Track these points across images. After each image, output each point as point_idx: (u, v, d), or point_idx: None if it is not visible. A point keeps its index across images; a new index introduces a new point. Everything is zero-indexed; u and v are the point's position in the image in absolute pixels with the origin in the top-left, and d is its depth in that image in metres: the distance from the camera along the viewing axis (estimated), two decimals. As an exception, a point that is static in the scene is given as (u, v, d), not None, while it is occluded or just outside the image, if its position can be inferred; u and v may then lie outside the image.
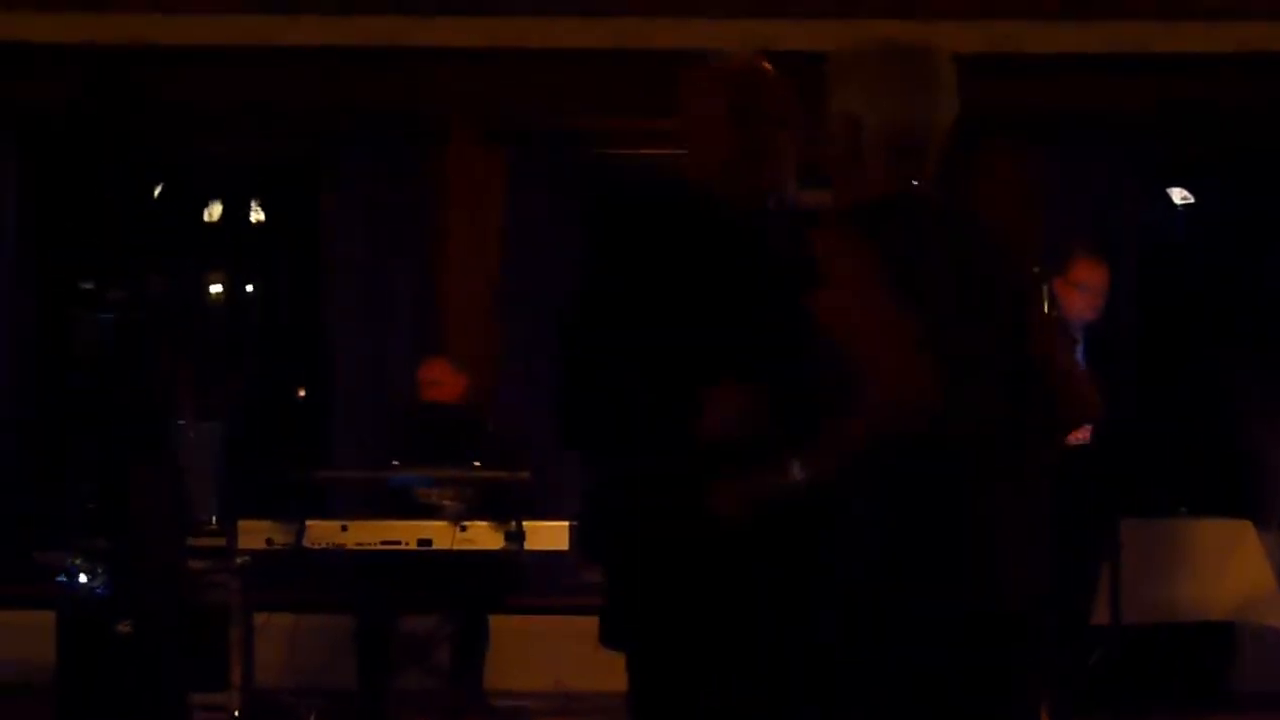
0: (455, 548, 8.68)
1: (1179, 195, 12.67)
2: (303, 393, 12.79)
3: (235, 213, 12.80)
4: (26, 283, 11.74)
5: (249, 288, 13.38)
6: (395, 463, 9.41)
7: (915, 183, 4.05)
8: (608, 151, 11.98)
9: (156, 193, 12.39)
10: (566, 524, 9.10)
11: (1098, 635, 9.05)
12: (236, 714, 9.14)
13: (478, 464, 9.30)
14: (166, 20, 10.98)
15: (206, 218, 12.77)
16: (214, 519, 9.66)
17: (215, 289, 13.19)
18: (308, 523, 9.03)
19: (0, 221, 11.61)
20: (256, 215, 12.80)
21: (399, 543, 8.85)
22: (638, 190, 4.43)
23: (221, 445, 10.91)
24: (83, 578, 9.03)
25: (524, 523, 9.09)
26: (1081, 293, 9.03)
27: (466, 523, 8.73)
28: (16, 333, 11.66)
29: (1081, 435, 8.96)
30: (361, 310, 11.32)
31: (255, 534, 9.12)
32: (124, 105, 10.39)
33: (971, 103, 10.99)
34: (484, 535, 8.87)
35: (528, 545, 9.05)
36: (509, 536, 8.90)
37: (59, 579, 9.16)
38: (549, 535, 9.21)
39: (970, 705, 3.76)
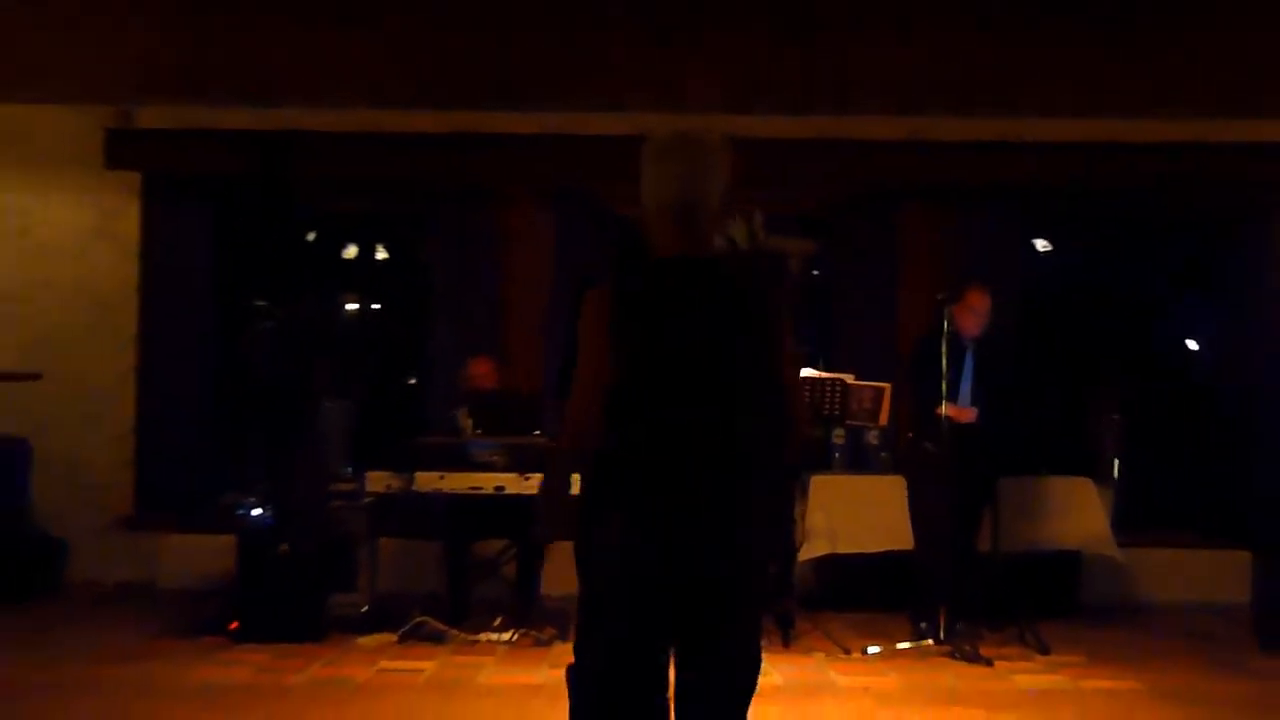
0: (521, 492, 8.66)
1: (1042, 244, 12.64)
2: (411, 381, 12.81)
3: (364, 253, 12.84)
4: (214, 301, 11.74)
5: (374, 306, 13.40)
6: (479, 431, 9.40)
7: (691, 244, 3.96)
8: (627, 209, 11.83)
9: (309, 238, 12.39)
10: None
11: (983, 560, 9.02)
12: (364, 610, 9.14)
13: (537, 433, 9.29)
14: (316, 113, 10.97)
15: (344, 256, 12.81)
16: (348, 470, 9.68)
17: (350, 307, 13.22)
18: (415, 474, 9.02)
19: (196, 259, 11.65)
20: (380, 255, 12.83)
21: (480, 488, 8.83)
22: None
23: (352, 418, 10.90)
24: (255, 513, 9.06)
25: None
26: (973, 314, 9.00)
27: (529, 474, 8.72)
28: (207, 338, 11.68)
29: (969, 416, 8.93)
30: (451, 323, 11.32)
31: (377, 481, 9.10)
32: (285, 175, 10.37)
33: (894, 176, 11.02)
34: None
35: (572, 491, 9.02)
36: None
37: (238, 513, 9.19)
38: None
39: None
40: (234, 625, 8.83)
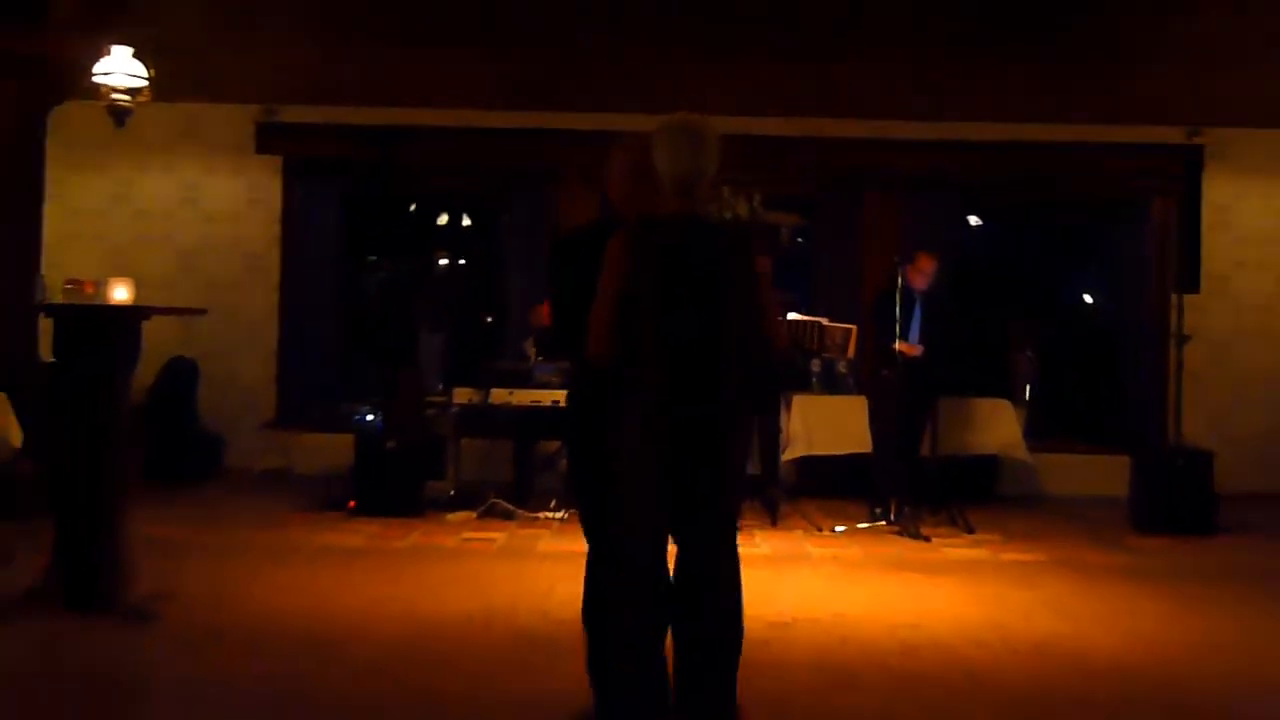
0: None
1: (974, 220, 12.57)
2: (489, 319, 12.77)
3: (453, 220, 12.81)
4: (338, 256, 11.73)
5: (460, 261, 13.36)
6: (540, 358, 9.37)
7: (688, 209, 4.06)
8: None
9: (411, 208, 12.35)
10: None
11: (924, 461, 8.97)
12: (451, 493, 9.13)
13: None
14: (419, 112, 10.95)
15: (438, 222, 12.78)
16: (439, 387, 9.65)
17: (441, 262, 13.19)
18: (491, 390, 9.00)
19: (324, 223, 11.64)
20: (465, 221, 12.80)
21: (540, 402, 8.79)
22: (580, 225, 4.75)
23: (443, 347, 10.90)
24: (368, 418, 9.04)
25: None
26: (921, 274, 8.94)
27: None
28: (332, 284, 11.67)
29: (917, 351, 8.87)
30: (519, 275, 11.30)
31: (462, 396, 9.07)
32: (394, 159, 10.31)
33: (861, 166, 10.85)
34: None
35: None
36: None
37: (355, 418, 9.17)
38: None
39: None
40: (352, 504, 8.86)
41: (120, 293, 5.81)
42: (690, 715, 3.92)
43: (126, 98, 9.70)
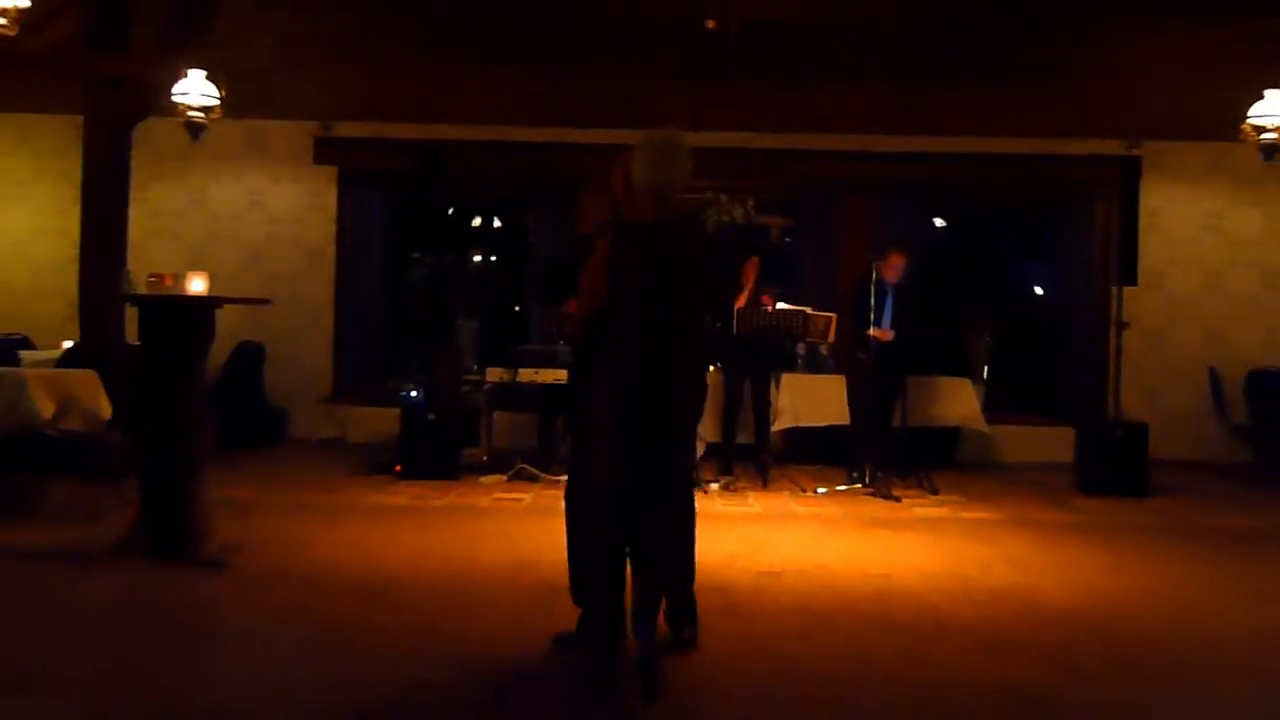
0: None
1: (939, 222, 12.56)
2: (516, 308, 12.78)
3: (486, 222, 12.84)
4: (385, 253, 11.75)
5: (492, 258, 13.39)
6: (562, 342, 9.36)
7: (659, 211, 4.20)
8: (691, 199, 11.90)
9: (449, 211, 12.34)
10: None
11: (895, 431, 8.94)
12: (484, 459, 9.12)
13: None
14: (456, 128, 10.95)
15: (472, 224, 12.79)
16: (474, 367, 9.64)
17: (475, 258, 13.21)
18: (519, 369, 9.00)
19: (374, 224, 11.70)
20: (496, 224, 12.81)
21: (562, 381, 8.75)
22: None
23: (477, 332, 10.89)
24: (412, 394, 9.03)
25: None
26: (892, 268, 8.89)
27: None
28: (380, 277, 11.71)
29: (888, 336, 8.83)
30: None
31: (494, 374, 9.08)
32: (434, 169, 10.30)
33: (839, 175, 10.76)
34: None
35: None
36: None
37: (401, 394, 9.16)
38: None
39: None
40: (398, 468, 8.85)
41: (196, 285, 5.81)
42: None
43: (201, 115, 9.68)
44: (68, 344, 8.82)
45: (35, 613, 5.05)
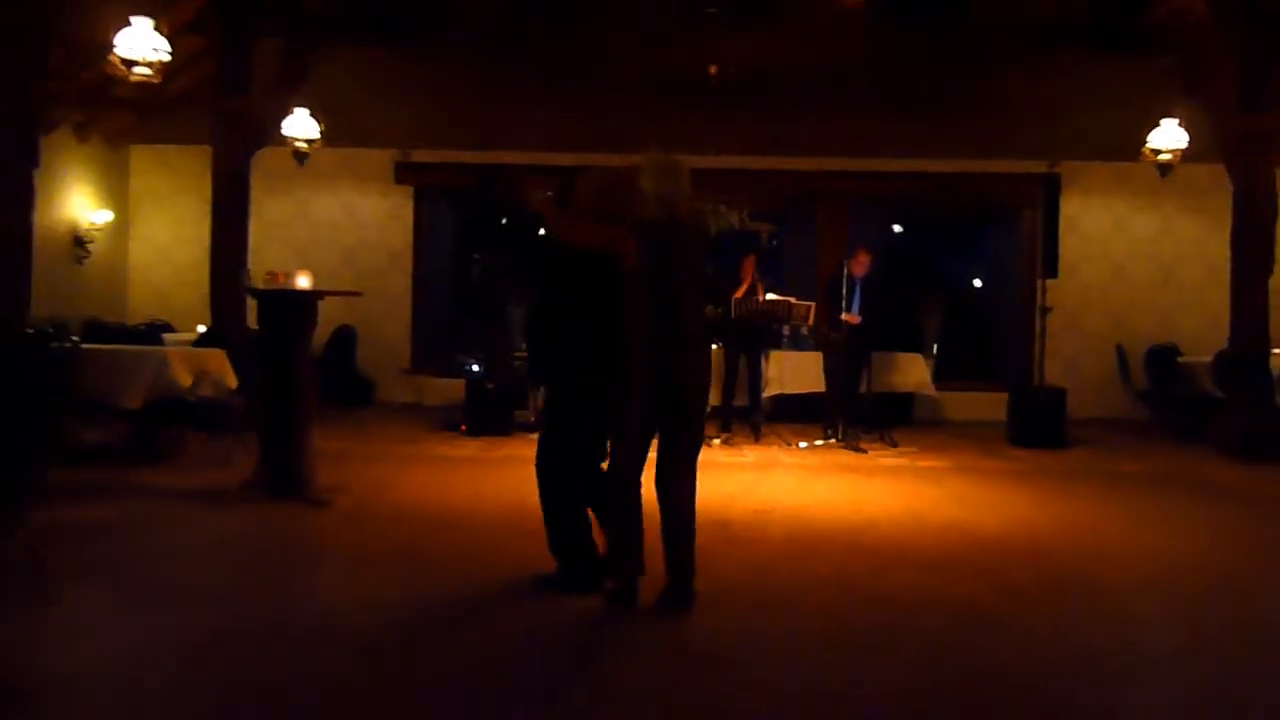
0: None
1: (897, 227, 12.49)
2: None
3: (531, 228, 12.77)
4: (453, 253, 11.73)
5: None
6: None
7: (670, 213, 3.97)
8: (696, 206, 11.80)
9: (503, 220, 12.30)
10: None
11: (862, 396, 8.90)
12: (532, 420, 9.08)
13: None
14: (508, 154, 10.90)
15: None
16: (523, 344, 9.59)
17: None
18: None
19: (443, 231, 11.66)
20: (541, 232, 12.72)
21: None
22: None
23: (525, 315, 10.85)
24: (474, 367, 9.02)
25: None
26: (860, 265, 8.82)
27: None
28: (448, 272, 11.71)
29: (857, 320, 8.77)
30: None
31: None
32: (492, 188, 10.26)
33: (818, 189, 10.65)
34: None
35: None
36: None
37: (465, 366, 9.17)
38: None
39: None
40: (463, 427, 8.85)
41: (302, 280, 5.80)
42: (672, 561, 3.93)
43: (305, 144, 9.71)
44: (201, 328, 8.85)
45: (179, 540, 5.07)
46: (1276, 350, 8.38)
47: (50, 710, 2.96)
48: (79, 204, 10.67)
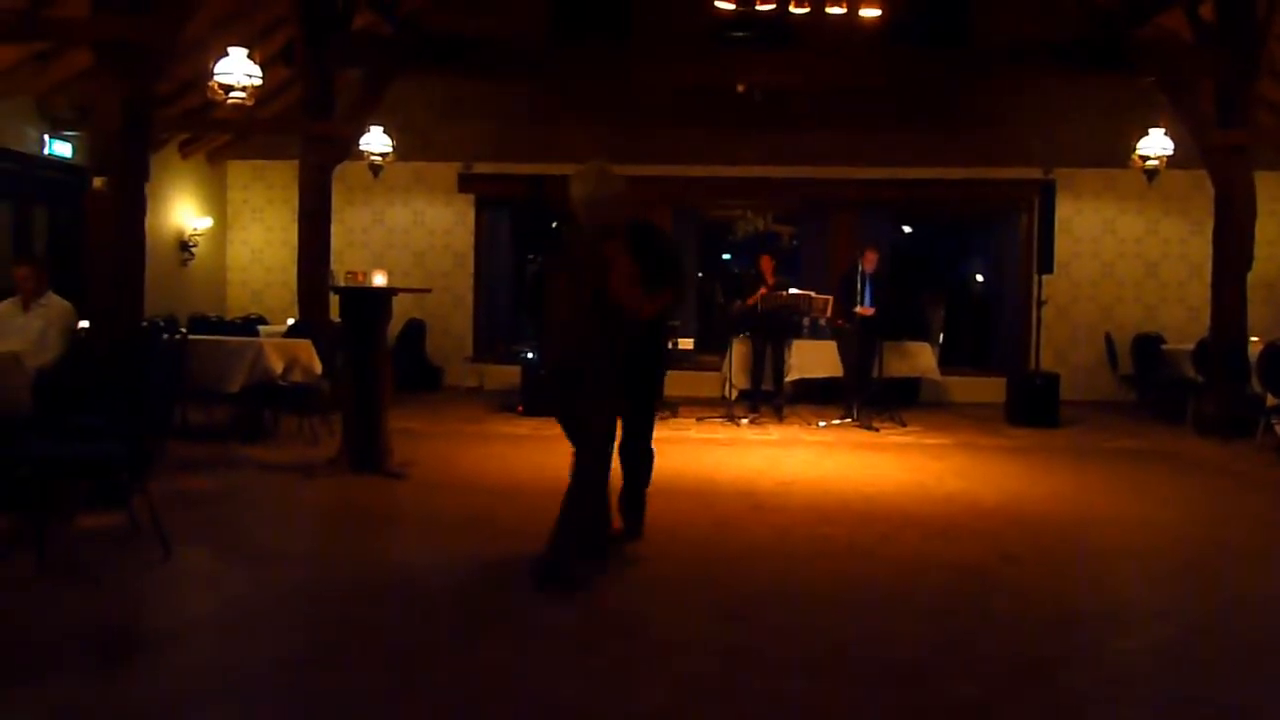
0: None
1: (906, 229, 12.36)
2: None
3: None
4: (511, 255, 11.76)
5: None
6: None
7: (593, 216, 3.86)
8: (715, 214, 11.74)
9: (553, 225, 12.34)
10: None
11: (874, 381, 8.85)
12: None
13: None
14: (559, 166, 10.74)
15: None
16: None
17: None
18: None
19: (501, 236, 11.67)
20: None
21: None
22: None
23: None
24: (529, 354, 9.07)
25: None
26: (870, 262, 8.74)
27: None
28: (508, 274, 11.72)
29: (869, 312, 8.72)
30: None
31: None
32: (543, 197, 10.31)
33: (830, 195, 10.56)
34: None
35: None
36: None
37: (521, 354, 9.21)
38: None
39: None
40: (520, 408, 8.88)
41: (378, 279, 5.88)
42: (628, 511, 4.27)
43: (380, 159, 9.81)
44: (291, 321, 8.97)
45: (273, 509, 5.19)
46: (1253, 339, 8.26)
47: (175, 650, 3.08)
48: (184, 213, 10.89)
